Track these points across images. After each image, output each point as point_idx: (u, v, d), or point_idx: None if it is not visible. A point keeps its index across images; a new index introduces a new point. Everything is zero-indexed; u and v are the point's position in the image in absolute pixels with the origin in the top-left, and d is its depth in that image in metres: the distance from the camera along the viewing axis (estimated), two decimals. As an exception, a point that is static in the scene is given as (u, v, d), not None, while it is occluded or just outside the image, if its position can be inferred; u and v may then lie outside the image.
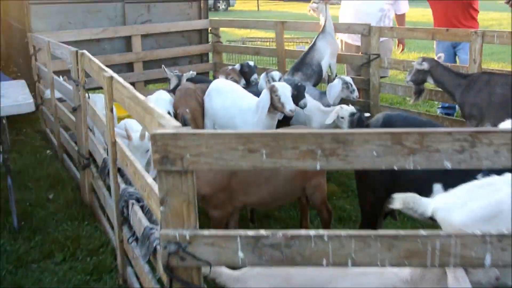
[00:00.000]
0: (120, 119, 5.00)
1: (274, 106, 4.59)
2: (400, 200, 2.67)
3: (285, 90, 4.56)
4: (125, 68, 7.42)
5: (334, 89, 5.40)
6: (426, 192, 3.03)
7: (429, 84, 5.38)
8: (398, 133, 1.78)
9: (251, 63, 6.00)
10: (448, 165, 1.78)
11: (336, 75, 6.44)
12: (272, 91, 4.56)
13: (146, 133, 3.87)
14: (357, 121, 3.33)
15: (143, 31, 7.45)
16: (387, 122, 3.24)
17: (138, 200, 3.21)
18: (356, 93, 5.51)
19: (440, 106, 6.95)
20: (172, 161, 1.88)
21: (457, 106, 6.75)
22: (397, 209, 3.36)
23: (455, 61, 6.57)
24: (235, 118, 4.94)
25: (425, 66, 5.27)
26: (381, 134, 1.79)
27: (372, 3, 6.81)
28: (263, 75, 5.67)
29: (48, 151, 6.36)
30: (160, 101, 5.10)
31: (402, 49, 7.33)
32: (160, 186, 1.94)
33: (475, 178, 2.72)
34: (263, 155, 1.84)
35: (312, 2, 6.45)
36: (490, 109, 4.94)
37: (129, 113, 2.94)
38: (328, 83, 6.58)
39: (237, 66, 5.98)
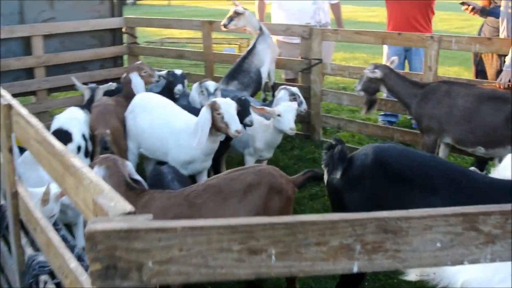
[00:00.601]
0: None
1: (217, 126, 3.81)
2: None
3: (229, 107, 3.80)
4: (24, 74, 6.29)
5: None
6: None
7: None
8: (473, 213, 1.26)
9: (178, 71, 5.08)
10: (539, 256, 1.29)
11: (274, 83, 5.76)
12: (214, 108, 3.78)
13: (51, 193, 2.88)
14: (339, 156, 2.61)
15: (45, 31, 6.33)
16: (380, 158, 2.54)
17: (53, 275, 2.34)
18: (304, 106, 4.87)
19: (382, 113, 6.46)
20: (123, 274, 1.14)
21: (399, 115, 6.33)
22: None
23: (403, 67, 6.09)
24: (167, 141, 4.11)
25: (378, 74, 4.72)
26: (449, 216, 1.24)
27: None
28: (195, 85, 4.84)
29: None
30: (72, 121, 4.15)
31: None
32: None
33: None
34: (272, 257, 1.19)
35: (238, 5, 5.66)
36: (451, 122, 4.48)
37: (38, 162, 2.04)
38: (264, 91, 5.89)
39: (164, 73, 5.12)
